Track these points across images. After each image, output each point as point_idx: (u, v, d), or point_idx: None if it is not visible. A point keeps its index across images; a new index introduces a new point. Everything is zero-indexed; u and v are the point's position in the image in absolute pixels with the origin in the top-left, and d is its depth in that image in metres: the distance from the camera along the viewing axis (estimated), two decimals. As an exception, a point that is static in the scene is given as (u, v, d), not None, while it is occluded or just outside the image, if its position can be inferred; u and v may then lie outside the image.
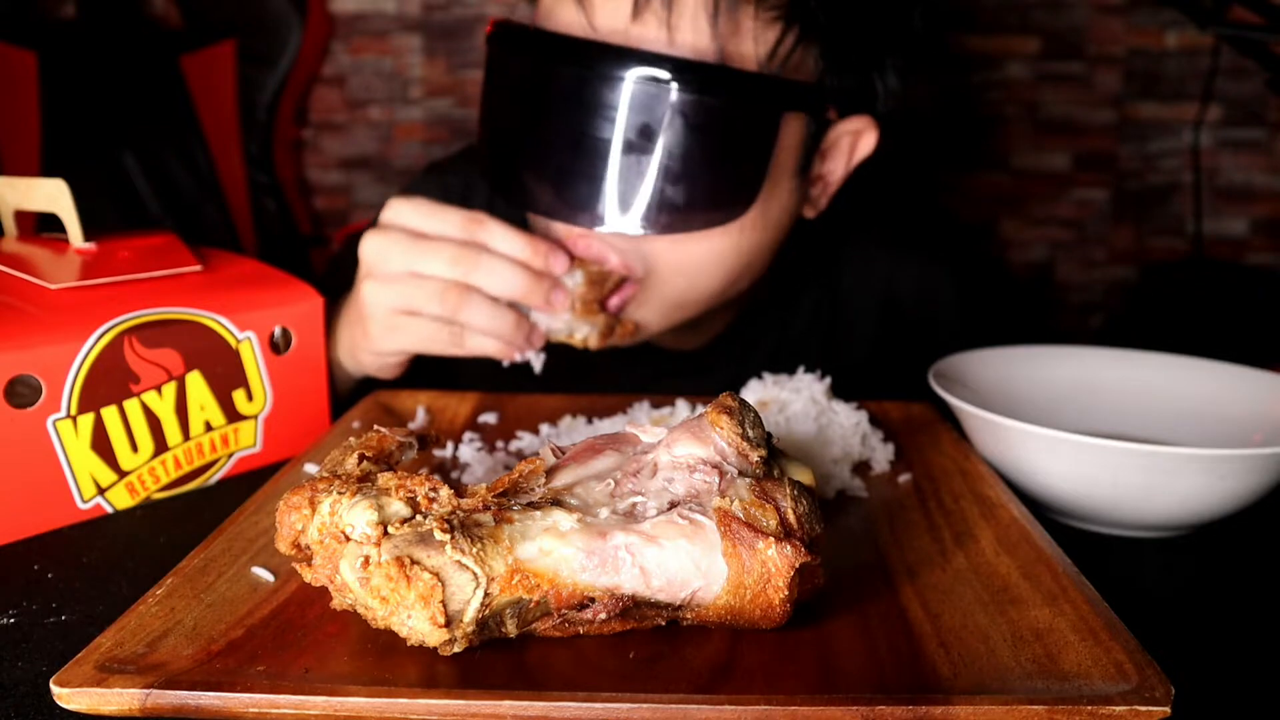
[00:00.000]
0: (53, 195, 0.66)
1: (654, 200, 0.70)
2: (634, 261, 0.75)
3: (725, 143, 0.71)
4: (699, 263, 0.76)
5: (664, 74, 0.68)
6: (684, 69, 0.68)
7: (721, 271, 0.77)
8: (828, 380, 0.70)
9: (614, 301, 0.75)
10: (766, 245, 0.79)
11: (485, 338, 0.72)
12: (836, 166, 0.81)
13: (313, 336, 0.71)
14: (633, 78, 0.68)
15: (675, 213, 0.71)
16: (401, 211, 0.71)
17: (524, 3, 0.82)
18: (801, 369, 0.72)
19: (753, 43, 0.71)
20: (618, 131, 0.69)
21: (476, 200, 0.97)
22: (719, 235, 0.74)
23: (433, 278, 0.70)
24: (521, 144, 0.73)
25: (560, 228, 0.75)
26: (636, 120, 0.69)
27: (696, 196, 0.71)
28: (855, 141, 0.80)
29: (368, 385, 0.81)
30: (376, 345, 0.74)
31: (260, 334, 0.67)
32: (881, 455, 0.65)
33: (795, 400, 0.67)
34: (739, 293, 0.83)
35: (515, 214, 0.78)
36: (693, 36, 0.69)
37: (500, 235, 0.70)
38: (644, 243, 0.74)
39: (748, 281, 0.81)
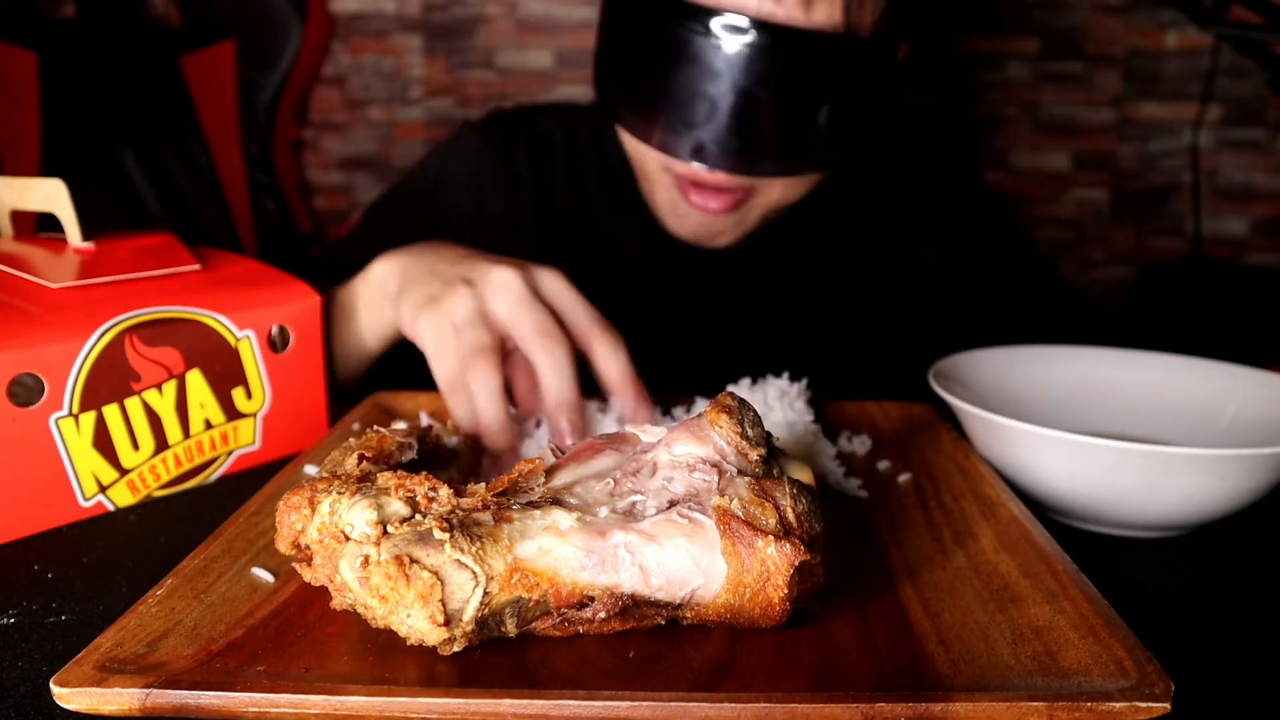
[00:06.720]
0: (50, 195, 0.66)
1: (818, 147, 0.87)
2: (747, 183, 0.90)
3: (876, 97, 0.88)
4: (807, 179, 0.92)
5: (845, 53, 0.83)
6: (856, 46, 0.83)
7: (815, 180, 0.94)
8: (801, 385, 0.69)
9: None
10: None
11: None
12: None
13: (310, 335, 0.71)
14: (813, 56, 0.82)
15: (830, 155, 0.88)
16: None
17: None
18: (798, 370, 0.72)
19: (869, 14, 0.84)
20: (787, 96, 0.83)
21: (519, 151, 1.08)
22: None
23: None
24: (694, 105, 0.84)
25: (680, 166, 0.88)
26: (811, 85, 0.83)
27: (848, 140, 0.88)
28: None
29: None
30: None
31: (259, 332, 0.67)
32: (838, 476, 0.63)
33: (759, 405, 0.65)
34: None
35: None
36: (827, 12, 0.81)
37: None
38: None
39: None
